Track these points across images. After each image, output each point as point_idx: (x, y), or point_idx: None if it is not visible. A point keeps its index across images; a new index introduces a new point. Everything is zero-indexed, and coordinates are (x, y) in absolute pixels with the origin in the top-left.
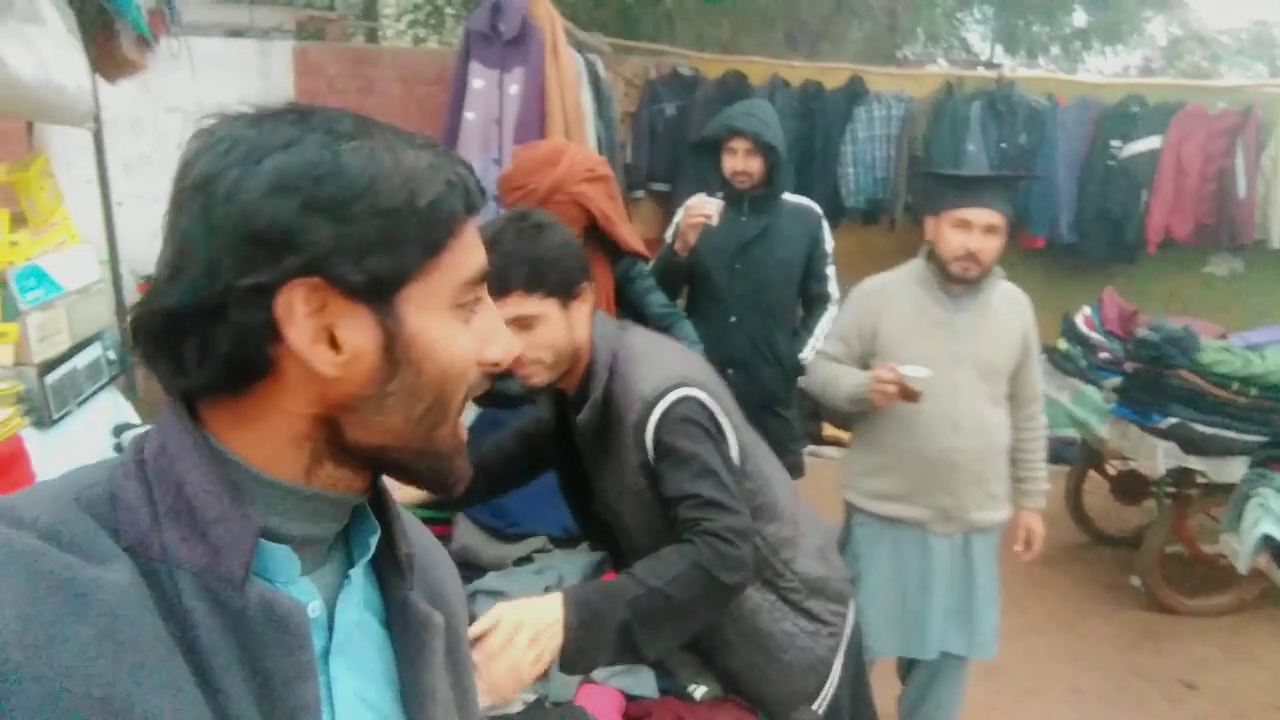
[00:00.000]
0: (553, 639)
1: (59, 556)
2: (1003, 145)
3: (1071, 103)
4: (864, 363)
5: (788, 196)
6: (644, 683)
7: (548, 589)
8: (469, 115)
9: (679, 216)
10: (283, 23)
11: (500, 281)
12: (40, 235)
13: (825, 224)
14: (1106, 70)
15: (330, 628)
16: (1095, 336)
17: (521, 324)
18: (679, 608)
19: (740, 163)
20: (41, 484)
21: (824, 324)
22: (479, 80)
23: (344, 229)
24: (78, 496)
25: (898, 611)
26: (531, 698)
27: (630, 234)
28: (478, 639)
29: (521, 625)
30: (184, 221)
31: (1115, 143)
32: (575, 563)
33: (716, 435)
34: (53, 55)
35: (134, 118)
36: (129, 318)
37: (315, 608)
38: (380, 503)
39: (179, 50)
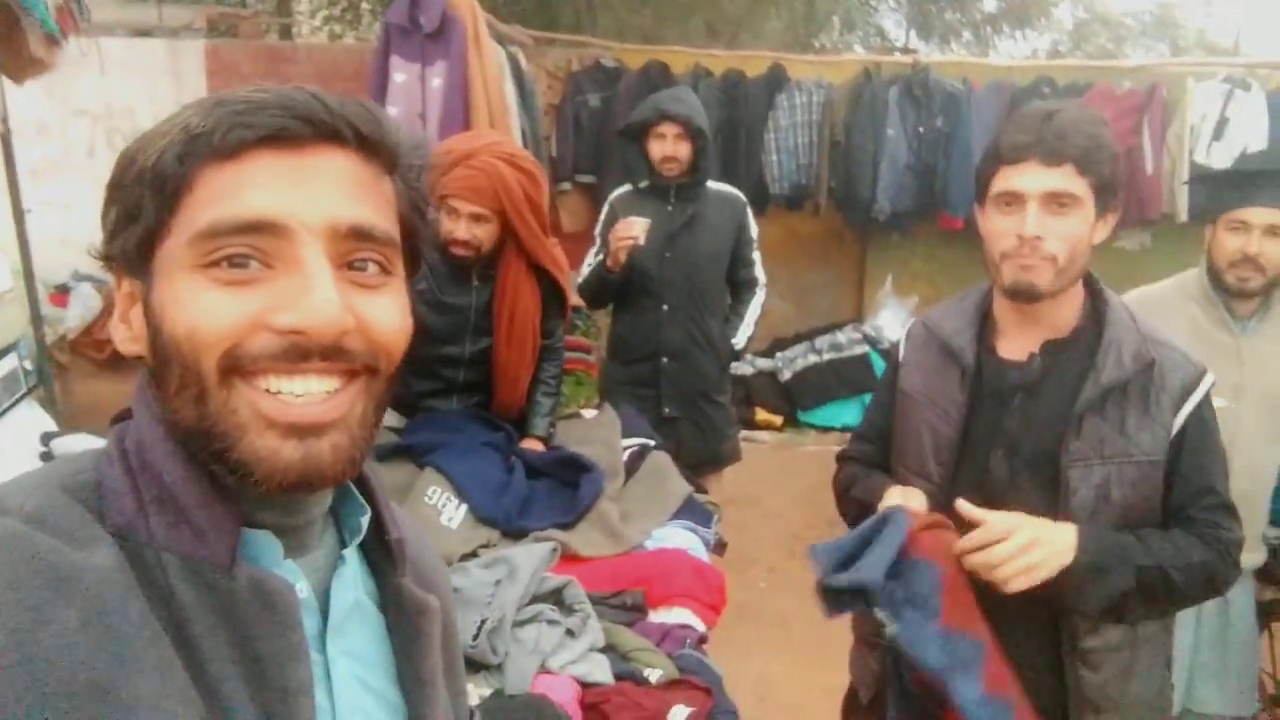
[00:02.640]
0: (1058, 559)
1: (44, 540)
2: (920, 129)
3: (985, 86)
4: None
5: (711, 184)
6: (599, 669)
7: (498, 583)
8: (391, 110)
9: (599, 227)
10: (192, 20)
11: (1056, 149)
12: None
13: (749, 210)
14: (1017, 54)
15: (325, 612)
16: None
17: (1059, 202)
18: (1170, 594)
19: (670, 148)
20: (26, 473)
21: (754, 308)
22: (400, 74)
23: (117, 207)
24: (63, 484)
25: None
26: (487, 691)
27: (546, 251)
28: (979, 543)
29: (1036, 543)
30: None
31: None
32: (527, 554)
33: None
34: None
35: (41, 122)
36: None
37: (303, 588)
38: (366, 489)
39: (88, 50)
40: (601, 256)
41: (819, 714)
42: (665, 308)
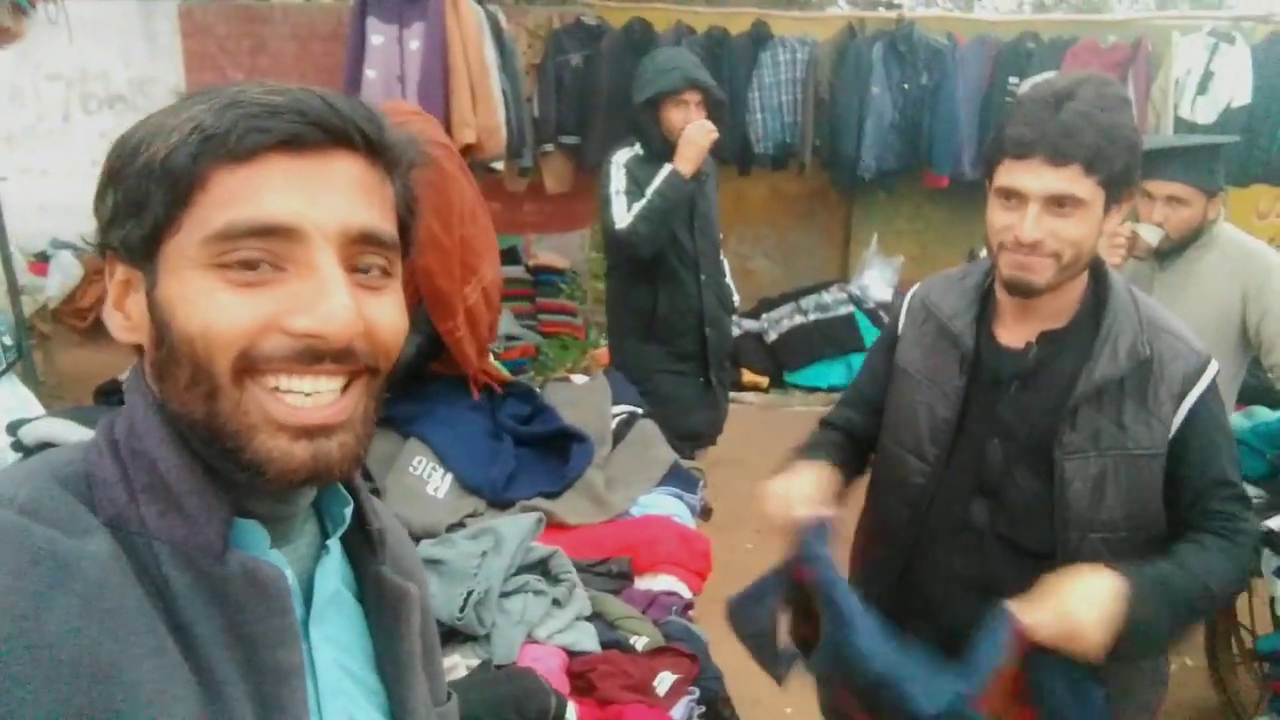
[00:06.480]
0: (1109, 608)
1: (41, 530)
2: (905, 86)
3: (969, 41)
4: None
5: None
6: (586, 638)
7: (484, 554)
8: (370, 73)
9: (612, 186)
10: None
11: (1062, 148)
12: None
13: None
14: (1001, 7)
15: (308, 600)
16: None
17: (1059, 204)
18: (1208, 607)
19: (694, 115)
20: (16, 464)
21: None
22: (378, 36)
23: (114, 197)
24: (55, 474)
25: None
26: (475, 662)
27: (435, 241)
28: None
29: (1077, 614)
30: None
31: (1013, 79)
32: (513, 525)
33: None
34: None
35: (14, 87)
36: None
37: (289, 577)
38: (348, 481)
39: (56, 16)
40: (671, 168)
41: (806, 675)
42: (703, 276)
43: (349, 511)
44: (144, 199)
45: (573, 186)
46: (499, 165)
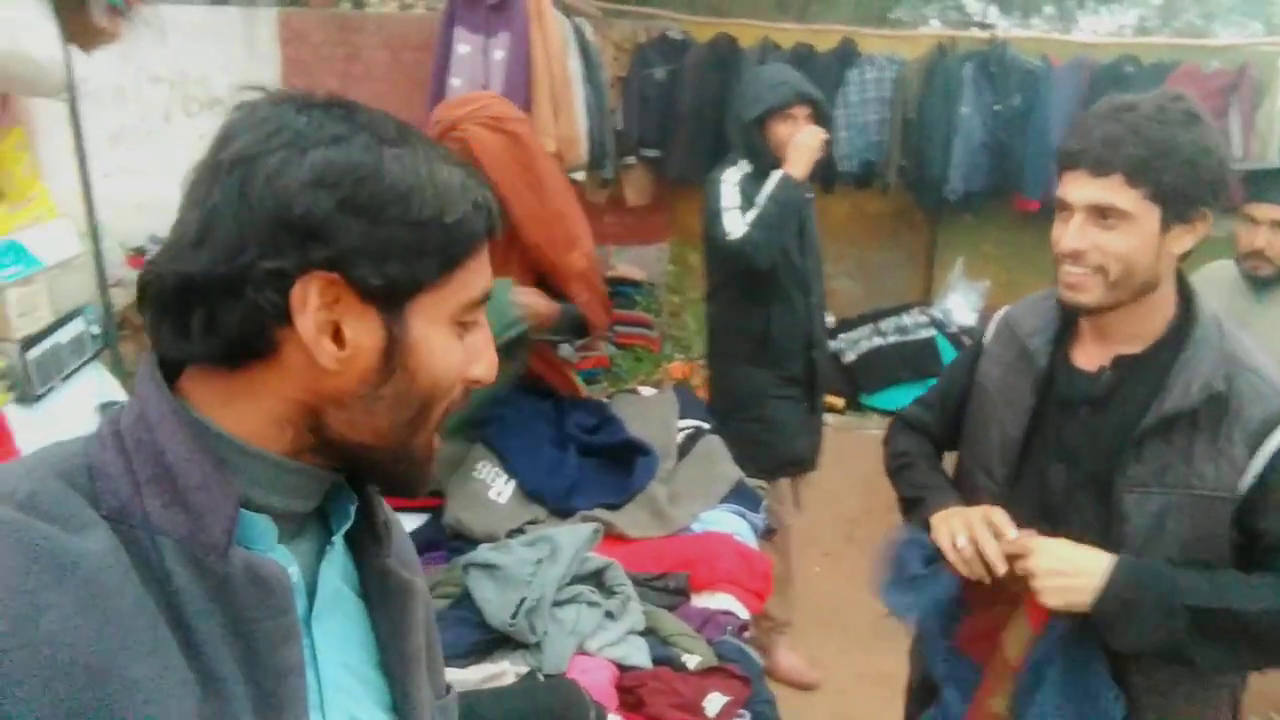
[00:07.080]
0: (1078, 594)
1: (39, 527)
2: (996, 108)
3: (1065, 63)
4: None
5: None
6: (637, 653)
7: (540, 562)
8: (455, 81)
9: (722, 202)
10: None
11: (1103, 158)
12: (17, 209)
13: None
14: (1101, 30)
15: (311, 595)
16: None
17: (1101, 215)
18: (1252, 639)
19: (802, 129)
20: (19, 459)
21: None
22: (464, 45)
23: (373, 231)
24: (56, 468)
25: None
26: (524, 669)
27: (538, 217)
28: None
29: (1064, 566)
30: (216, 193)
31: None
32: (570, 534)
33: None
34: (22, 26)
35: (118, 88)
36: (141, 275)
37: (294, 573)
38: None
39: (151, 18)
40: (784, 173)
41: (869, 700)
42: (812, 297)
43: (354, 508)
44: (422, 249)
45: (653, 199)
46: (580, 175)
